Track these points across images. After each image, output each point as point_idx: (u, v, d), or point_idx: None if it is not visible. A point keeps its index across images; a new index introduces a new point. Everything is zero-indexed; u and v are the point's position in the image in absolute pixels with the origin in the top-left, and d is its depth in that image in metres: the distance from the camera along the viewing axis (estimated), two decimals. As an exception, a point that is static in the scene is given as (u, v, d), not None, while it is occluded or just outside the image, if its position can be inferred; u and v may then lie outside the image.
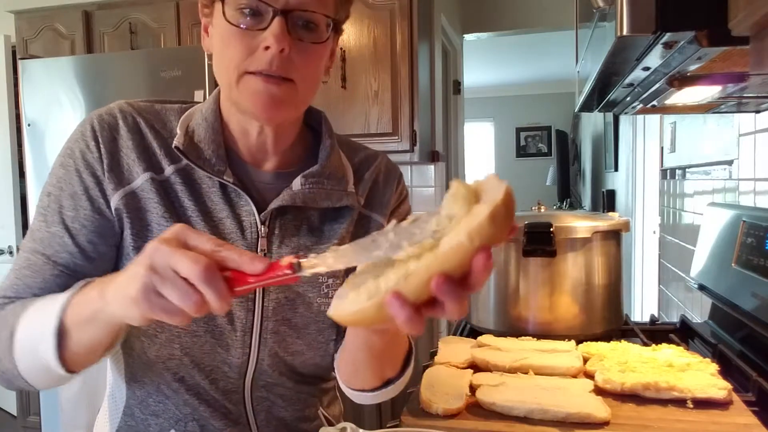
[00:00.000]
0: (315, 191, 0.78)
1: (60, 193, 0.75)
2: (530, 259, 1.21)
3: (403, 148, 2.60)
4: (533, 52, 5.57)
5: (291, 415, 0.84)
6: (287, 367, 0.81)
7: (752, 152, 1.36)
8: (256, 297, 0.76)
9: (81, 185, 0.74)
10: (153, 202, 0.74)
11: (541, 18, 3.82)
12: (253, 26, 0.69)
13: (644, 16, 0.65)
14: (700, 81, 0.90)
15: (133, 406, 0.81)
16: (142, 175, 0.75)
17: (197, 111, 0.80)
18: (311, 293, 0.78)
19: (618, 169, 4.08)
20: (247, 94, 0.71)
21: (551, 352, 1.04)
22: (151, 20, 2.84)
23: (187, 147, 0.75)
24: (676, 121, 2.02)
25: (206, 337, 0.75)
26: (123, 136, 0.76)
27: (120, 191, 0.74)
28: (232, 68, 0.70)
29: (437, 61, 3.13)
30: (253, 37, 0.69)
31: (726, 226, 1.29)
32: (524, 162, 7.63)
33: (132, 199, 0.74)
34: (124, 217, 0.74)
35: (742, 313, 1.13)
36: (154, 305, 0.51)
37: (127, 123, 0.77)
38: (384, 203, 0.87)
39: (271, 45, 0.68)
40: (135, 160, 0.75)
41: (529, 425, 0.80)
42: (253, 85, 0.70)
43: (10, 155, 2.81)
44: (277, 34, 0.67)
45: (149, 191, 0.75)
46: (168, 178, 0.76)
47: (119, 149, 0.75)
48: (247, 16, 0.69)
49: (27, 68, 2.65)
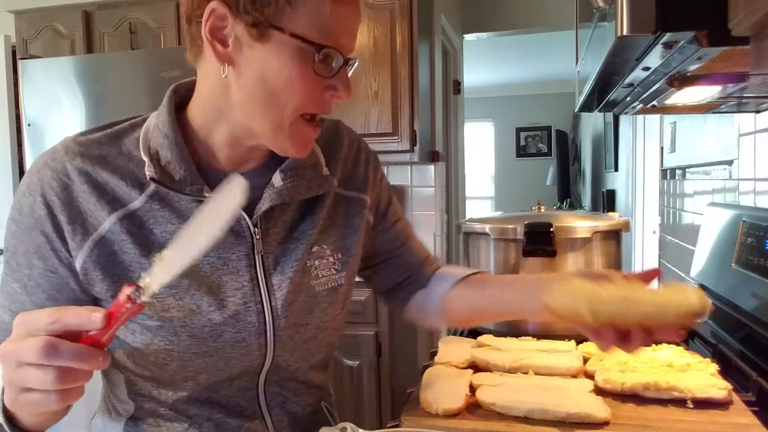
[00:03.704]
0: (297, 183, 0.77)
1: (15, 250, 0.71)
2: (530, 259, 1.21)
3: (403, 148, 2.60)
4: (533, 52, 5.57)
5: (302, 410, 0.85)
6: (302, 355, 0.81)
7: (752, 152, 1.36)
8: (263, 299, 0.76)
9: (32, 243, 0.70)
10: (127, 243, 0.70)
11: (541, 18, 3.82)
12: (329, 73, 0.68)
13: (644, 16, 0.65)
14: (700, 81, 0.90)
15: (144, 416, 0.79)
16: (108, 218, 0.70)
17: (153, 128, 0.74)
18: (305, 279, 0.79)
19: (618, 169, 4.08)
20: (297, 139, 0.71)
21: (551, 352, 1.04)
22: (151, 20, 2.84)
23: (159, 174, 0.70)
24: (676, 121, 2.02)
25: (219, 355, 0.74)
26: (75, 181, 0.70)
27: (88, 241, 0.69)
28: (291, 110, 0.68)
29: (437, 61, 3.13)
30: (320, 82, 0.68)
31: (726, 226, 1.29)
32: (524, 162, 7.62)
33: (103, 246, 0.70)
34: (97, 268, 0.70)
35: (742, 313, 1.13)
36: (38, 398, 0.53)
37: (76, 166, 0.71)
38: (360, 179, 0.87)
39: (343, 95, 0.69)
40: (96, 204, 0.70)
41: (529, 425, 0.80)
42: (305, 130, 0.71)
43: (10, 155, 2.81)
44: (348, 83, 0.70)
45: (120, 233, 0.70)
46: (139, 209, 0.71)
47: (75, 197, 0.70)
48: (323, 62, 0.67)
49: (27, 68, 2.65)
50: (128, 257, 0.70)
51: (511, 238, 1.24)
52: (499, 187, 7.73)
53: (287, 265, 0.77)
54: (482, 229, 1.30)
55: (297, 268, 0.77)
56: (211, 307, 0.72)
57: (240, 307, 0.74)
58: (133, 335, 0.72)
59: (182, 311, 0.71)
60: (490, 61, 5.88)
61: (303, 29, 0.65)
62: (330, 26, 0.66)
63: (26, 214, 0.70)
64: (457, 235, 3.53)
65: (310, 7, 0.65)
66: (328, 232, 0.82)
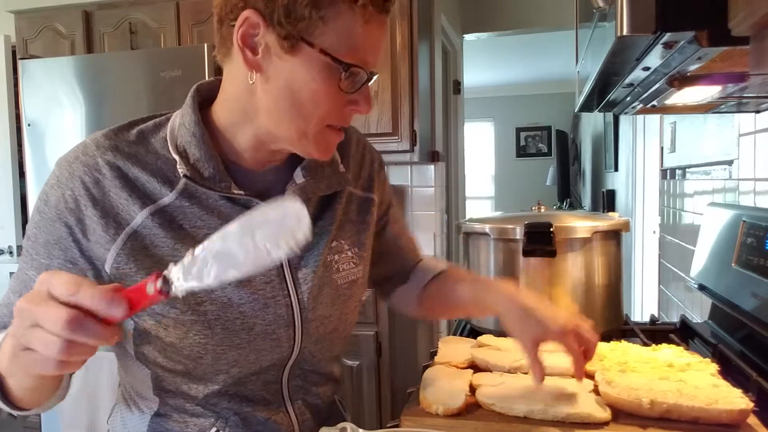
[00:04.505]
0: (317, 180, 0.80)
1: (35, 239, 0.72)
2: (530, 259, 1.21)
3: (403, 148, 2.60)
4: (533, 52, 5.57)
5: (322, 402, 0.88)
6: (325, 346, 0.84)
7: (752, 152, 1.36)
8: (291, 292, 0.78)
9: (54, 234, 0.71)
10: (160, 237, 0.71)
11: (541, 18, 3.83)
12: (353, 89, 0.69)
13: (644, 16, 0.65)
14: (700, 81, 0.90)
15: (168, 412, 0.80)
16: (141, 212, 0.71)
17: (179, 127, 0.76)
18: (327, 273, 0.82)
19: (618, 169, 4.08)
20: (322, 144, 0.73)
21: (551, 352, 1.03)
22: (151, 20, 2.84)
23: (190, 171, 0.72)
24: (676, 121, 2.02)
25: (251, 347, 0.76)
26: (107, 176, 0.71)
27: (122, 234, 0.70)
28: (315, 122, 0.70)
29: (437, 61, 3.13)
30: (344, 96, 0.70)
31: (726, 226, 1.29)
32: (524, 162, 7.62)
33: (135, 240, 0.71)
34: (130, 261, 0.70)
35: (742, 313, 1.13)
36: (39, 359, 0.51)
37: (108, 161, 0.72)
38: (367, 179, 0.91)
39: (364, 110, 0.71)
40: (127, 199, 0.71)
41: (529, 425, 0.80)
42: (330, 138, 0.73)
43: (10, 155, 2.81)
44: (370, 99, 0.72)
45: (153, 227, 0.71)
46: (169, 205, 0.72)
47: (107, 191, 0.71)
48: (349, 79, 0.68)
49: (27, 68, 2.65)
50: (161, 251, 0.71)
51: (511, 238, 1.24)
52: (499, 187, 7.73)
53: (311, 260, 0.80)
54: (482, 229, 1.30)
55: (320, 262, 0.80)
56: (242, 300, 0.74)
57: (269, 300, 0.76)
58: (167, 330, 0.73)
59: (215, 304, 0.73)
60: (490, 61, 5.88)
61: (332, 46, 0.66)
62: (359, 45, 0.67)
63: (52, 205, 0.71)
64: (457, 235, 3.53)
65: (342, 25, 0.66)
66: (344, 228, 0.85)
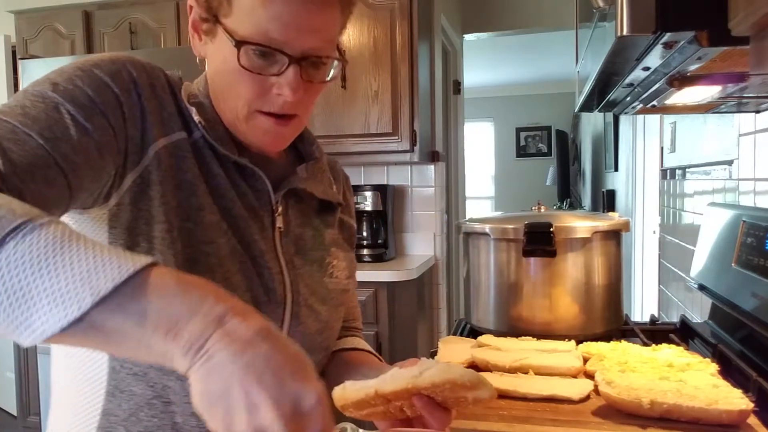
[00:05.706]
0: (317, 180, 0.82)
1: (73, 93, 0.61)
2: (530, 259, 1.21)
3: (403, 148, 2.60)
4: (533, 52, 5.58)
5: None
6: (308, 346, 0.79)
7: (752, 152, 1.36)
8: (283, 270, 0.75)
9: (104, 96, 0.62)
10: (190, 160, 0.69)
11: (541, 18, 3.83)
12: (266, 71, 0.66)
13: (644, 16, 0.65)
14: (700, 81, 0.90)
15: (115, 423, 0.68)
16: (178, 132, 0.69)
17: (194, 87, 0.75)
18: (321, 272, 0.81)
19: (618, 169, 4.08)
20: (257, 131, 0.71)
21: (551, 352, 1.04)
22: (151, 20, 2.84)
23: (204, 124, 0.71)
24: (676, 121, 2.02)
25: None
26: (158, 87, 0.69)
27: (163, 139, 0.67)
28: (241, 105, 0.68)
29: (437, 61, 3.13)
30: (265, 79, 0.66)
31: (726, 226, 1.29)
32: (524, 162, 7.63)
33: (170, 153, 0.68)
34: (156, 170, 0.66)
35: (742, 313, 1.13)
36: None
37: (159, 78, 0.70)
38: (351, 207, 0.94)
39: (286, 96, 0.66)
40: (172, 114, 0.69)
41: (529, 425, 0.80)
42: (263, 125, 0.70)
43: (10, 155, 2.81)
44: (293, 83, 0.66)
45: (185, 150, 0.69)
46: (197, 141, 0.71)
47: (158, 96, 0.69)
48: (259, 58, 0.65)
49: (27, 68, 2.65)
50: (185, 176, 0.68)
51: (511, 238, 1.24)
52: (499, 187, 7.73)
53: (308, 248, 0.80)
54: (482, 229, 1.30)
55: (317, 257, 0.80)
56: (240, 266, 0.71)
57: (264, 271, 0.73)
58: None
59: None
60: (490, 61, 5.88)
61: (235, 25, 0.64)
62: (262, 23, 0.63)
63: (105, 71, 0.64)
64: (457, 235, 3.54)
65: (243, 2, 0.64)
66: (339, 242, 0.86)
